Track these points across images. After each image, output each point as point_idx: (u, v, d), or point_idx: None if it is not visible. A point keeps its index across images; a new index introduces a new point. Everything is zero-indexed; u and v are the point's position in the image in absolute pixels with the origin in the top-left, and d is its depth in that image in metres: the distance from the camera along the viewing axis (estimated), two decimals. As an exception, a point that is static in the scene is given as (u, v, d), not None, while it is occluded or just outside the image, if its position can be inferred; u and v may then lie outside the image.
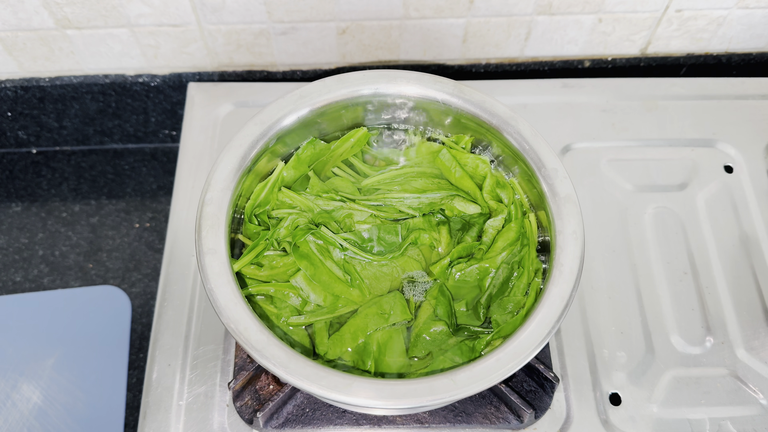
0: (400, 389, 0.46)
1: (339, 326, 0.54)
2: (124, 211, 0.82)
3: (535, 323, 0.48)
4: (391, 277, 0.56)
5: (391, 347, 0.53)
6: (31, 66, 0.77)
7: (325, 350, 0.53)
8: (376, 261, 0.56)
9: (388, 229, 0.57)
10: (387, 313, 0.54)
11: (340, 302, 0.55)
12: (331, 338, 0.53)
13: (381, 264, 0.56)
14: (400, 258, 0.56)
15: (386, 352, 0.53)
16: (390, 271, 0.56)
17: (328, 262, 0.55)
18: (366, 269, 0.56)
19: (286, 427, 0.57)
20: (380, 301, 0.54)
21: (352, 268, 0.56)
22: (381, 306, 0.54)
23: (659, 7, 0.74)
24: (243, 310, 0.48)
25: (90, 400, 0.68)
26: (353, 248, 0.56)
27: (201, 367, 0.61)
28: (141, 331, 0.73)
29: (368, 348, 0.53)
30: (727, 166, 0.73)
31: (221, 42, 0.75)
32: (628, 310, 0.64)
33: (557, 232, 0.52)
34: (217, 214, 0.51)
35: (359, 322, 0.54)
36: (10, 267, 0.77)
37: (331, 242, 0.56)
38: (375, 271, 0.56)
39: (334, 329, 0.54)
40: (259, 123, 0.55)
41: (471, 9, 0.72)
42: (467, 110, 0.57)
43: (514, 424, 0.58)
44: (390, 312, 0.54)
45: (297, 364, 0.46)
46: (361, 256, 0.56)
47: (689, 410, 0.59)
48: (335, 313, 0.54)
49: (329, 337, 0.54)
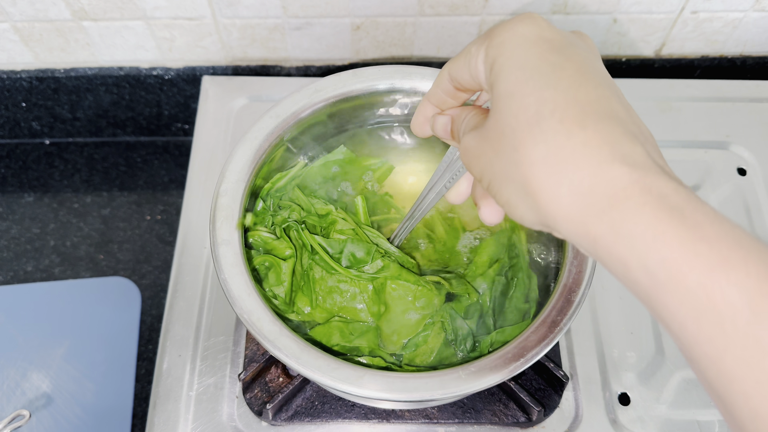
0: (411, 383, 0.46)
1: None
2: (135, 203, 0.82)
3: (543, 322, 0.48)
4: (349, 299, 0.54)
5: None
6: (47, 57, 0.77)
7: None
8: (336, 274, 0.54)
9: (360, 246, 0.55)
10: (352, 334, 0.54)
11: (295, 309, 0.55)
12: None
13: (339, 280, 0.54)
14: (359, 281, 0.54)
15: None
16: (347, 289, 0.54)
17: (299, 262, 0.55)
18: (323, 280, 0.54)
19: (295, 419, 0.57)
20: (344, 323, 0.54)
21: (311, 275, 0.55)
22: (345, 326, 0.54)
23: (675, 8, 0.74)
24: (256, 301, 0.48)
25: (99, 390, 0.68)
26: (323, 254, 0.54)
27: (211, 358, 0.61)
28: (150, 323, 0.73)
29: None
30: (740, 169, 0.72)
31: (236, 36, 0.76)
32: (638, 311, 0.64)
33: (568, 247, 0.52)
34: (231, 205, 0.52)
35: (325, 331, 0.54)
36: (21, 257, 0.78)
37: (304, 242, 0.55)
38: (332, 285, 0.54)
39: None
40: (274, 116, 0.55)
41: (486, 7, 0.72)
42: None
43: (523, 422, 0.58)
44: (353, 334, 0.54)
45: (309, 356, 0.46)
46: (324, 264, 0.54)
47: (698, 412, 0.59)
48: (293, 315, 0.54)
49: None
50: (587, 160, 0.28)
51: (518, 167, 0.30)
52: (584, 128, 0.29)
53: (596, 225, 0.28)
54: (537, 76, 0.31)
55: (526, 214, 0.31)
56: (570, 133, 0.29)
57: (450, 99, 0.39)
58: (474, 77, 0.35)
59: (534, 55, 0.31)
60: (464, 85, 0.37)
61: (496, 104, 0.32)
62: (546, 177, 0.29)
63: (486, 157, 0.33)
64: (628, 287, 0.29)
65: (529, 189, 0.30)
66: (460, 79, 0.37)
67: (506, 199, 0.32)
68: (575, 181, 0.29)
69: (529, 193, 0.30)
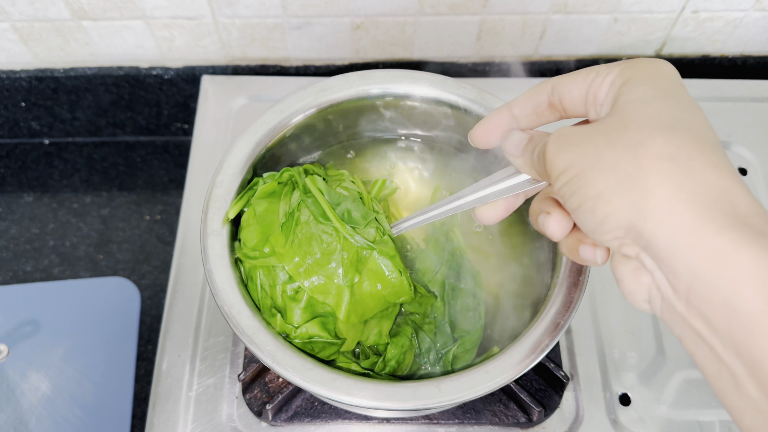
0: (385, 391, 0.45)
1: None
2: (135, 203, 0.82)
3: (530, 339, 0.47)
4: (325, 251, 0.49)
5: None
6: (46, 56, 0.77)
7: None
8: (325, 224, 0.49)
9: (359, 207, 0.51)
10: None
11: (267, 247, 0.50)
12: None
13: (324, 230, 0.49)
14: (344, 243, 0.50)
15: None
16: (331, 240, 0.49)
17: (284, 200, 0.52)
18: (307, 224, 0.50)
19: (294, 420, 0.57)
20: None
21: (296, 216, 0.50)
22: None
23: (675, 8, 0.74)
24: (238, 295, 0.48)
25: (98, 390, 0.68)
26: (319, 196, 0.50)
27: (211, 358, 0.61)
28: (150, 323, 0.73)
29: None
30: (741, 169, 0.72)
31: (235, 36, 0.75)
32: (639, 311, 0.64)
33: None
34: (225, 197, 0.51)
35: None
36: (21, 257, 0.78)
37: (296, 180, 0.52)
38: (315, 232, 0.49)
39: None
40: (278, 112, 0.55)
41: (486, 6, 0.72)
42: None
43: (523, 423, 0.58)
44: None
45: (284, 354, 0.45)
46: (316, 208, 0.50)
47: (699, 412, 0.59)
48: (257, 260, 0.50)
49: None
50: (716, 177, 0.29)
51: (637, 158, 0.30)
52: (714, 152, 0.30)
53: (714, 239, 0.28)
54: (673, 101, 0.32)
55: (617, 209, 0.30)
56: (702, 151, 0.29)
57: (533, 115, 0.39)
58: (590, 94, 0.35)
59: (671, 85, 0.33)
60: (564, 103, 0.37)
61: (624, 107, 0.32)
62: (669, 176, 0.29)
63: (590, 145, 0.32)
64: (712, 311, 0.28)
65: (642, 183, 0.29)
66: (565, 95, 0.37)
67: (599, 191, 0.31)
68: (700, 191, 0.28)
69: (641, 187, 0.29)
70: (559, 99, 0.37)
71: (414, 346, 0.53)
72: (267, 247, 0.49)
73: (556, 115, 0.38)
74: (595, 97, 0.35)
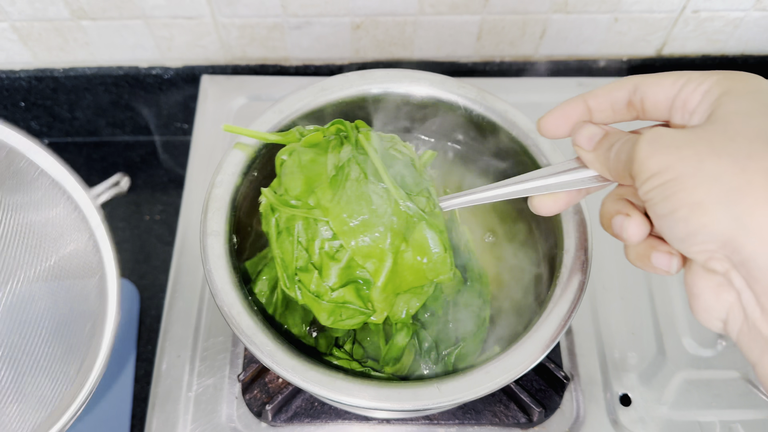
0: (385, 391, 0.45)
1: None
2: (134, 203, 0.82)
3: (531, 340, 0.47)
4: (374, 213, 0.46)
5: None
6: (46, 56, 0.77)
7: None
8: (376, 184, 0.46)
9: (413, 173, 0.48)
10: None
11: (311, 199, 0.47)
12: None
13: (375, 191, 0.46)
14: (395, 207, 0.46)
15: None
16: (381, 202, 0.46)
17: (332, 153, 0.48)
18: (357, 182, 0.46)
19: (294, 420, 0.57)
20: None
21: (346, 171, 0.47)
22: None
23: (676, 7, 0.74)
24: (238, 295, 0.47)
25: (97, 390, 0.68)
26: (373, 154, 0.47)
27: (210, 358, 0.61)
28: (149, 323, 0.73)
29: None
30: (741, 169, 0.72)
31: (235, 35, 0.75)
32: (639, 311, 0.64)
33: (564, 249, 0.51)
34: (224, 197, 0.51)
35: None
36: (20, 256, 0.78)
37: (349, 133, 0.49)
38: (365, 191, 0.46)
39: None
40: (278, 111, 0.55)
41: (486, 6, 0.72)
42: (489, 118, 0.56)
43: (524, 423, 0.57)
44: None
45: (284, 354, 0.45)
46: (367, 166, 0.47)
47: (700, 412, 0.59)
48: (299, 210, 0.47)
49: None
50: None
51: (745, 172, 0.29)
52: None
53: None
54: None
55: (715, 222, 0.29)
56: None
57: (609, 110, 0.38)
58: (678, 99, 0.34)
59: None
60: (646, 104, 0.36)
61: (727, 117, 0.31)
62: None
63: (690, 151, 0.30)
64: None
65: (748, 198, 0.28)
66: (649, 96, 0.36)
67: (697, 200, 0.30)
68: None
69: (746, 202, 0.28)
70: (641, 99, 0.36)
71: (414, 345, 0.52)
72: (312, 199, 0.46)
73: (633, 114, 0.37)
74: (685, 104, 0.34)
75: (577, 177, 0.39)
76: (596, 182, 0.39)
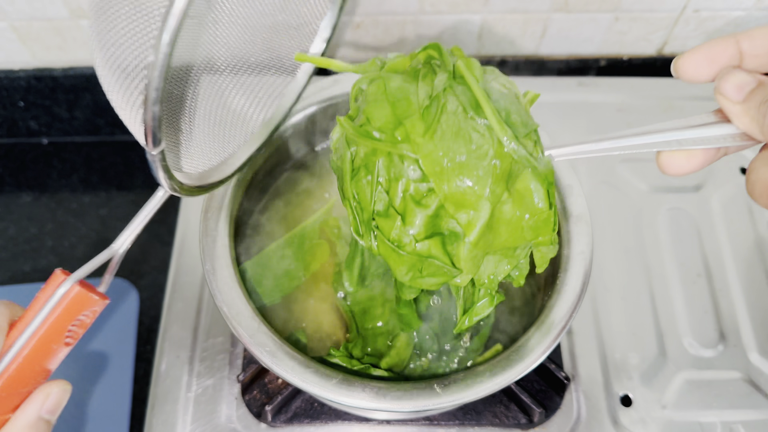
0: (385, 392, 0.45)
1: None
2: (133, 203, 0.82)
3: (532, 340, 0.47)
4: (473, 153, 0.38)
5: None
6: (45, 56, 0.77)
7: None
8: (476, 119, 0.39)
9: (520, 111, 0.41)
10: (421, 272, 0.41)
11: (398, 132, 0.39)
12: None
13: (475, 128, 0.39)
14: (498, 149, 0.39)
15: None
16: (483, 141, 0.38)
17: (424, 81, 0.40)
18: (455, 116, 0.39)
19: (294, 421, 0.57)
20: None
21: (442, 103, 0.39)
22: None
23: (677, 6, 0.73)
24: (238, 295, 0.47)
25: (96, 391, 0.68)
26: (475, 86, 0.40)
27: (210, 359, 0.60)
28: (148, 324, 0.73)
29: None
30: (743, 168, 0.72)
31: (235, 35, 0.75)
32: (640, 312, 0.64)
33: (564, 254, 0.51)
34: (224, 196, 0.51)
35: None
36: (19, 257, 0.77)
37: (444, 60, 0.41)
38: (464, 127, 0.39)
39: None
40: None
41: (487, 4, 0.72)
42: None
43: (524, 424, 0.57)
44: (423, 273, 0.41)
45: (285, 354, 0.46)
46: (467, 99, 0.39)
47: (700, 413, 0.59)
48: (384, 145, 0.39)
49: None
50: None
51: None
52: None
53: None
54: None
55: None
56: None
57: (765, 56, 0.32)
58: None
59: None
60: None
61: None
62: None
63: None
64: None
65: None
66: None
67: None
68: None
69: None
70: None
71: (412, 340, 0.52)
72: (399, 132, 0.39)
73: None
74: None
75: (718, 133, 0.34)
76: (740, 141, 0.33)
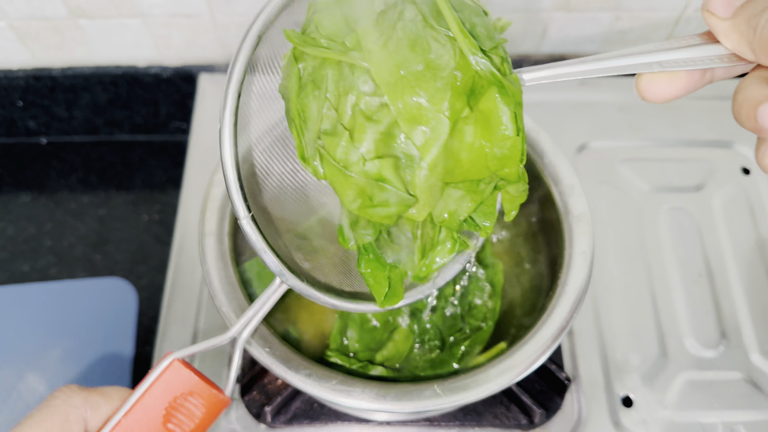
0: (385, 393, 0.44)
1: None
2: (132, 203, 0.82)
3: (532, 341, 0.47)
4: (431, 64, 0.34)
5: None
6: (44, 55, 0.77)
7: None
8: (430, 28, 0.34)
9: (484, 22, 0.37)
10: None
11: (349, 40, 0.35)
12: None
13: (432, 36, 0.34)
14: (461, 60, 0.34)
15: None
16: (443, 52, 0.34)
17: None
18: (413, 24, 0.34)
19: (293, 421, 0.57)
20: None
21: (400, 10, 0.35)
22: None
23: (678, 6, 0.73)
24: (237, 296, 0.47)
25: (95, 391, 0.68)
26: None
27: (209, 359, 0.60)
28: (147, 324, 0.73)
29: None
30: (744, 168, 0.72)
31: (233, 34, 0.75)
32: (641, 312, 0.63)
33: (566, 255, 0.50)
34: (223, 196, 0.51)
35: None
36: (18, 257, 0.77)
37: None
38: (422, 33, 0.34)
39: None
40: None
41: (487, 4, 0.71)
42: None
43: (525, 425, 0.57)
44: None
45: (283, 356, 0.45)
46: (421, 6, 0.35)
47: (702, 414, 0.59)
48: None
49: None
50: None
51: None
52: None
53: None
54: None
55: None
56: None
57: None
58: None
59: None
60: None
61: None
62: None
63: None
64: None
65: None
66: None
67: None
68: None
69: None
70: None
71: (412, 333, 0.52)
72: (350, 40, 0.34)
73: None
74: None
75: (703, 54, 0.31)
76: (727, 62, 0.31)
